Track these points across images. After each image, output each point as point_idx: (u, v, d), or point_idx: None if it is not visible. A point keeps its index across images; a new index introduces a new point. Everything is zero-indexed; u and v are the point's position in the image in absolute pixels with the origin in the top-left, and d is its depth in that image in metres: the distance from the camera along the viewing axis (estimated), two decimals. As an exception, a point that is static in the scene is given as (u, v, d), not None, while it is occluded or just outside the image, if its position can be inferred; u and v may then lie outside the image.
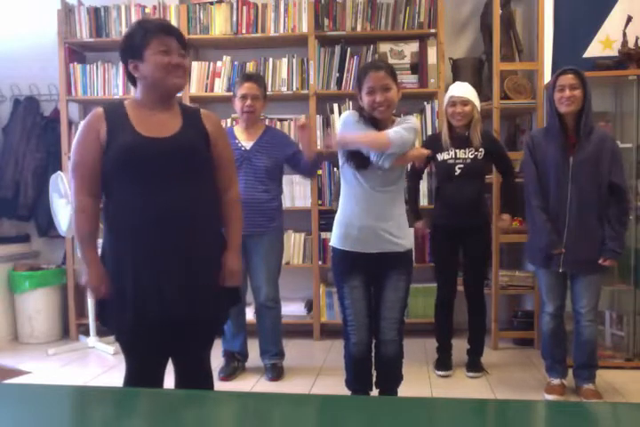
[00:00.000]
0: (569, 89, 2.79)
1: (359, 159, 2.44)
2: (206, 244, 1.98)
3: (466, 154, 3.24)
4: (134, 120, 1.92)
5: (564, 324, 3.01)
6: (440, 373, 3.36)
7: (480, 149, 3.25)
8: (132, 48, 1.92)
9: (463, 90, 3.27)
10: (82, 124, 1.96)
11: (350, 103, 3.90)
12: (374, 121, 2.48)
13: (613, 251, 2.84)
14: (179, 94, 3.95)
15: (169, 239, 1.90)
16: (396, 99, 2.47)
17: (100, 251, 2.01)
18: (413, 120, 2.50)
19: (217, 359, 3.32)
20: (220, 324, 2.20)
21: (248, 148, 3.19)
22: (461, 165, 3.23)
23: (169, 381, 2.09)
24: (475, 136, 3.24)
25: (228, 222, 2.09)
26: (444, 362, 3.40)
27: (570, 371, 3.06)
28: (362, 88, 2.47)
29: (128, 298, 1.89)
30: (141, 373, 2.02)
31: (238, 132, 3.26)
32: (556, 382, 3.02)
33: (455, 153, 3.25)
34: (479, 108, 3.28)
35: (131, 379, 2.02)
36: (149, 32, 1.90)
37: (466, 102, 3.22)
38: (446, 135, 3.27)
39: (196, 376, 2.09)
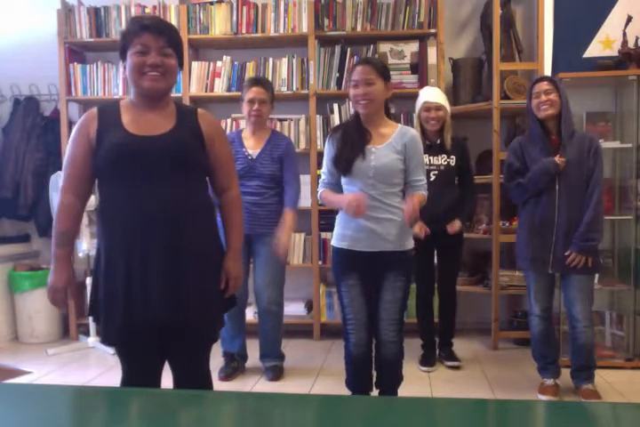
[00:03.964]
0: (544, 94, 2.86)
1: (343, 165, 2.46)
2: (197, 244, 1.92)
3: (439, 161, 3.35)
4: (125, 119, 1.91)
5: (552, 325, 3.03)
6: (424, 368, 3.42)
7: (452, 156, 3.35)
8: (120, 49, 1.92)
9: (435, 95, 3.36)
10: (77, 123, 1.96)
11: (350, 103, 3.89)
12: (359, 122, 2.50)
13: (579, 244, 2.82)
14: (178, 94, 4.03)
15: (155, 239, 1.85)
16: (380, 95, 2.45)
17: (94, 251, 2.00)
18: (420, 143, 2.54)
19: (217, 359, 3.33)
20: (216, 328, 2.06)
21: (254, 156, 3.20)
22: (435, 172, 3.31)
23: (168, 383, 2.08)
24: (447, 141, 3.34)
25: (228, 225, 2.05)
26: (427, 359, 3.46)
27: (567, 371, 3.05)
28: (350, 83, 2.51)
29: (118, 299, 1.87)
30: (136, 375, 1.99)
31: (245, 138, 3.25)
32: (549, 382, 3.03)
33: (429, 160, 3.30)
34: (449, 113, 3.38)
35: (126, 382, 2.00)
36: (130, 32, 1.88)
37: (439, 107, 3.31)
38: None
39: (192, 380, 2.04)
